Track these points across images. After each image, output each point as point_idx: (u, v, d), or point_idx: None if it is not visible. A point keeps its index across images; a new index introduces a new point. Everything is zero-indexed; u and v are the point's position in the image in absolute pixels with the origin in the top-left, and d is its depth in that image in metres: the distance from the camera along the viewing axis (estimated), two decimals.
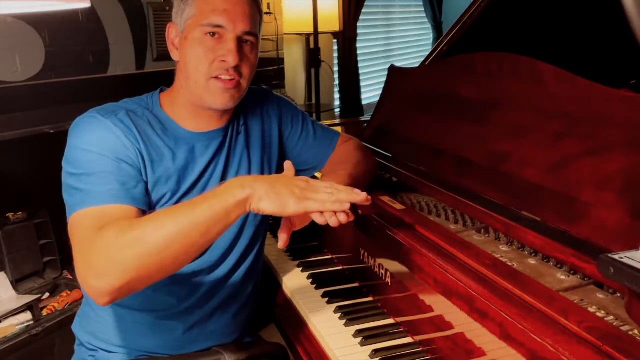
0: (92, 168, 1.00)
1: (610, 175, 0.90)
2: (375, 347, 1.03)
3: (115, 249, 0.87)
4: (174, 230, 0.88)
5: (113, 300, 0.89)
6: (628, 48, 1.18)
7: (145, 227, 0.89)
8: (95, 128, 1.04)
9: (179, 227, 0.88)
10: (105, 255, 0.87)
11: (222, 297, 1.19)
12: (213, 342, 1.21)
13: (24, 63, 2.00)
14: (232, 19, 1.07)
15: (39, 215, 2.00)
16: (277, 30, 3.19)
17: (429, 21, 4.64)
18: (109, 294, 0.87)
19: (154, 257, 0.87)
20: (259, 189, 0.90)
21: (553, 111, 1.05)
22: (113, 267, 0.86)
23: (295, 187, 0.92)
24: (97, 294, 0.88)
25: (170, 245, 0.88)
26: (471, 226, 1.09)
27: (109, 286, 0.86)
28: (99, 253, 0.88)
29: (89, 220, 0.94)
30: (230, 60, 1.06)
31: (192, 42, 1.08)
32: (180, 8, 1.10)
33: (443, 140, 1.29)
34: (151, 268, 0.88)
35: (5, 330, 1.76)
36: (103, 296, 0.88)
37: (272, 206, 0.90)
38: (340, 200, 0.91)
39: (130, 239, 0.88)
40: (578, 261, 0.86)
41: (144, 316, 1.15)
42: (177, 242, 0.88)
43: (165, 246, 0.87)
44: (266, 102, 1.28)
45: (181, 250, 0.89)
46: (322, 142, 1.33)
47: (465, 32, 1.66)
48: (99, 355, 1.18)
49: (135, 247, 0.87)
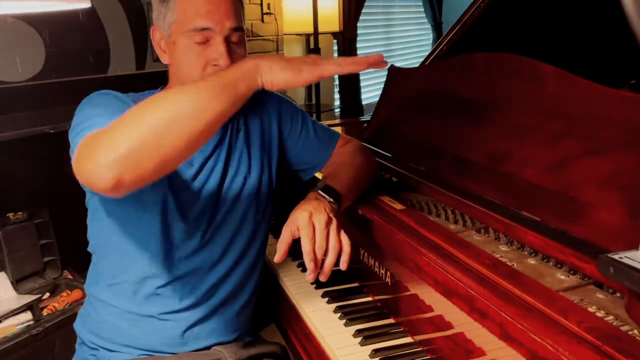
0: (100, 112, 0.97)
1: (610, 175, 0.90)
2: (375, 347, 1.03)
3: (119, 123, 0.81)
4: (183, 97, 0.83)
5: (120, 179, 0.79)
6: (628, 48, 1.18)
7: (150, 102, 0.83)
8: (105, 95, 1.06)
9: (187, 99, 0.82)
10: (111, 130, 0.81)
11: (223, 295, 1.20)
12: (214, 340, 1.21)
13: (24, 63, 2.00)
14: (218, 19, 1.06)
15: (39, 215, 2.00)
16: (277, 30, 3.20)
17: (429, 21, 4.64)
18: (114, 165, 0.78)
19: (160, 124, 0.80)
20: (272, 60, 0.88)
21: (553, 111, 1.05)
22: (117, 136, 0.80)
23: (307, 57, 0.90)
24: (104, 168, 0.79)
25: (177, 117, 0.81)
26: (471, 226, 1.09)
27: (114, 157, 0.78)
28: (105, 133, 0.82)
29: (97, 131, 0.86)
30: (222, 63, 1.07)
31: (180, 47, 1.08)
32: (161, 12, 1.10)
33: (443, 140, 1.29)
34: (158, 135, 0.80)
35: (5, 330, 1.76)
36: (109, 169, 0.78)
37: (284, 74, 0.87)
38: (355, 61, 0.90)
39: (133, 112, 0.82)
40: (578, 261, 0.86)
41: (146, 314, 1.15)
42: (183, 115, 0.81)
43: (170, 118, 0.81)
44: (266, 101, 1.28)
45: (186, 124, 0.81)
46: (322, 142, 1.33)
47: (465, 32, 1.66)
48: (101, 354, 1.18)
49: (138, 120, 0.81)
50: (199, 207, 1.15)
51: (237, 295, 1.23)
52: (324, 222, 0.98)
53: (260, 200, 1.23)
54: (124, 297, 1.16)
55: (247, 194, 1.20)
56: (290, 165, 1.33)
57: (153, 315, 1.15)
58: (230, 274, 1.20)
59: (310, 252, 0.96)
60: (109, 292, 1.17)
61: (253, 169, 1.22)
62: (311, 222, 0.98)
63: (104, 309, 1.18)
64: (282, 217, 1.45)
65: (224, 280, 1.19)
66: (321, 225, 0.98)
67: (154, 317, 1.15)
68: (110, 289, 1.17)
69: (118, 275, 1.16)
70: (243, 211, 1.20)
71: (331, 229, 0.99)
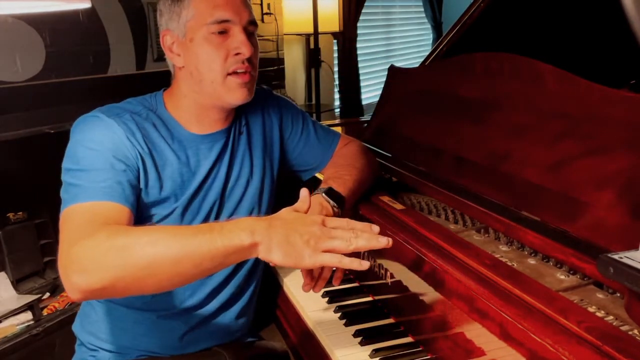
0: (90, 164, 1.00)
1: (610, 175, 0.90)
2: (375, 347, 1.03)
3: (103, 250, 0.84)
4: (166, 251, 0.83)
5: (85, 299, 0.89)
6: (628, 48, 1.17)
7: (138, 238, 0.85)
8: (97, 126, 1.04)
9: (173, 250, 0.83)
10: (91, 253, 0.84)
11: (224, 297, 1.19)
12: (214, 342, 1.21)
13: (24, 63, 2.00)
14: (237, 11, 1.07)
15: (39, 215, 1.99)
16: (277, 30, 3.20)
17: (429, 21, 4.64)
18: (83, 291, 0.84)
19: (137, 271, 0.83)
20: (271, 239, 0.84)
21: (553, 111, 1.05)
22: (95, 267, 0.83)
23: (311, 235, 0.85)
24: (72, 289, 0.85)
25: (158, 264, 0.83)
26: (471, 226, 1.09)
27: (85, 284, 0.83)
28: (85, 250, 0.85)
29: (80, 214, 0.93)
30: (244, 51, 1.07)
31: (199, 42, 1.07)
32: (174, 12, 1.09)
33: (443, 140, 1.29)
34: (131, 280, 0.84)
35: (5, 330, 1.76)
36: (77, 292, 0.85)
37: (285, 260, 0.85)
38: (359, 248, 0.87)
39: (120, 244, 0.84)
40: (578, 261, 0.86)
41: (146, 316, 1.15)
42: (165, 264, 0.83)
43: (151, 264, 0.83)
44: (267, 103, 1.28)
45: (166, 273, 0.84)
46: (323, 143, 1.33)
47: (465, 32, 1.66)
48: (100, 355, 1.18)
49: (123, 255, 0.83)
50: (203, 212, 1.15)
51: (238, 298, 1.23)
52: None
53: (262, 202, 1.23)
54: (123, 299, 1.14)
55: (249, 196, 1.20)
56: (291, 166, 1.33)
57: (153, 317, 1.15)
58: (231, 277, 1.20)
59: (309, 272, 1.02)
60: None
61: (255, 171, 1.22)
62: None
63: (103, 310, 1.17)
64: None
65: (225, 283, 1.19)
66: None
67: (154, 320, 1.15)
68: None
69: None
70: (245, 213, 1.20)
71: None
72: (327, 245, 0.86)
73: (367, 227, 0.90)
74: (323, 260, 0.86)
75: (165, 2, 1.10)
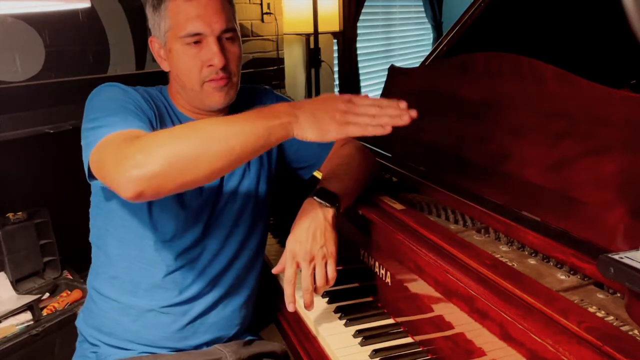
0: (115, 109, 1.02)
1: (610, 175, 0.90)
2: (375, 347, 1.03)
3: (153, 139, 0.90)
4: (215, 129, 0.90)
5: (140, 195, 0.87)
6: (628, 48, 1.18)
7: (185, 126, 0.93)
8: (113, 89, 1.10)
9: (221, 129, 0.90)
10: (145, 144, 0.89)
11: (223, 288, 1.21)
12: (214, 335, 1.22)
13: (24, 63, 2.00)
14: (208, 22, 1.09)
15: (39, 215, 2.00)
16: (277, 30, 3.20)
17: (429, 21, 4.64)
18: (140, 182, 0.86)
19: (191, 150, 0.88)
20: (301, 117, 0.93)
21: (553, 111, 1.05)
22: (151, 152, 0.87)
23: (337, 111, 0.93)
24: (128, 185, 0.86)
25: (210, 142, 0.89)
26: (471, 226, 1.09)
27: (142, 173, 0.86)
28: (136, 146, 0.88)
29: (120, 136, 0.95)
30: (216, 62, 1.10)
31: (176, 53, 1.12)
32: (155, 22, 1.14)
33: (443, 140, 1.29)
34: (185, 162, 0.88)
35: (5, 330, 1.76)
36: (134, 185, 0.86)
37: (314, 134, 0.93)
38: (383, 124, 0.94)
39: (168, 132, 0.92)
40: (578, 261, 0.86)
41: (147, 308, 1.16)
42: (216, 142, 0.89)
43: (204, 142, 0.89)
44: (266, 101, 1.30)
45: (218, 152, 0.89)
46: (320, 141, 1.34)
47: (465, 32, 1.66)
48: (101, 351, 1.19)
49: (175, 139, 0.89)
50: (200, 200, 1.17)
51: (237, 289, 1.24)
52: (320, 256, 1.03)
53: (258, 193, 1.25)
54: (125, 290, 1.17)
55: (245, 187, 1.23)
56: (289, 163, 1.34)
57: (154, 309, 1.17)
58: (230, 267, 1.22)
59: (308, 287, 1.03)
60: (110, 285, 1.19)
61: (252, 169, 1.24)
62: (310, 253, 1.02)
63: (106, 303, 1.19)
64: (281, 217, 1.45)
65: (224, 273, 1.21)
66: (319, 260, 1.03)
67: (155, 311, 1.17)
68: (111, 282, 1.18)
69: (118, 262, 1.17)
70: (242, 203, 1.22)
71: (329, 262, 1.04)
72: (352, 119, 0.93)
73: (393, 103, 0.96)
74: (348, 131, 0.93)
75: (149, 10, 1.16)
